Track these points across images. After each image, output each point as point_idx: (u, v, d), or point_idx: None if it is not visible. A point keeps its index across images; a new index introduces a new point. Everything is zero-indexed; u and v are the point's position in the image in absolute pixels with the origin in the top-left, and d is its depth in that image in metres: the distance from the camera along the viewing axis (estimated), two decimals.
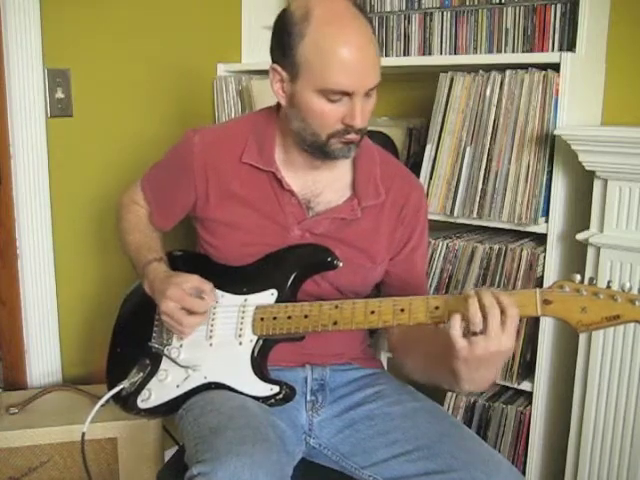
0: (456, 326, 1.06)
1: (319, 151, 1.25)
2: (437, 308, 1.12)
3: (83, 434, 1.41)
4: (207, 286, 1.26)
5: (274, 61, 1.23)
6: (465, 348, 1.05)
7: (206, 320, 1.27)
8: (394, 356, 1.41)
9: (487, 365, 1.08)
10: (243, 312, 1.27)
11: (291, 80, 1.21)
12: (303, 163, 1.31)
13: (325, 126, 1.20)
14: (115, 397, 1.35)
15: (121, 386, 1.33)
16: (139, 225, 1.44)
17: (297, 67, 1.18)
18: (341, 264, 1.26)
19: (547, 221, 1.64)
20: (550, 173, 1.61)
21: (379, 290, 1.43)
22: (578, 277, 1.07)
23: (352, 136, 1.21)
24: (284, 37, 1.19)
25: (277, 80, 1.24)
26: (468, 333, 1.06)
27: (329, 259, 1.26)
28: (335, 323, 1.19)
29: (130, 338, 1.41)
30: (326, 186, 1.33)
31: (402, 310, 1.15)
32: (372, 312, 1.17)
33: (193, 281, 1.25)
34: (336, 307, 1.20)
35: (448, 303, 1.12)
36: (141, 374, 1.33)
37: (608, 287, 1.05)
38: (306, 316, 1.21)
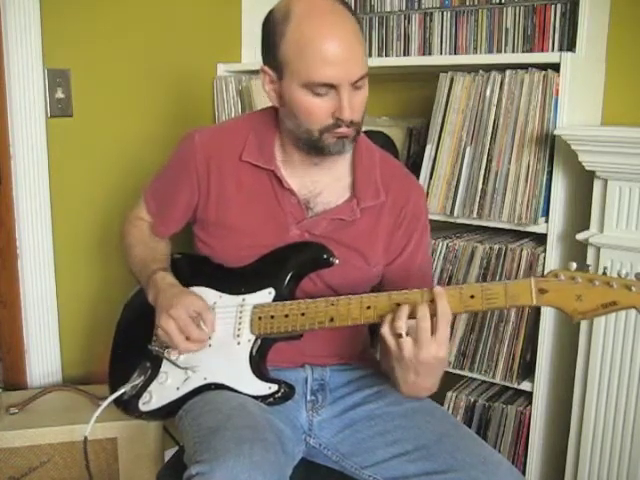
0: (385, 324, 1.11)
1: (314, 148, 1.25)
2: (432, 301, 1.12)
3: (85, 438, 1.40)
4: (208, 316, 1.25)
5: (264, 62, 1.25)
6: (394, 346, 1.09)
7: (202, 348, 1.26)
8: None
9: (420, 372, 1.12)
10: (241, 312, 1.27)
11: (279, 79, 1.22)
12: (301, 162, 1.31)
13: (315, 122, 1.20)
14: (116, 401, 1.35)
15: (122, 390, 1.33)
16: (142, 238, 1.44)
17: (281, 65, 1.20)
18: (337, 261, 1.25)
19: (547, 221, 1.64)
20: (550, 173, 1.61)
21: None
22: (574, 265, 1.06)
23: (344, 129, 1.20)
24: (269, 38, 1.21)
25: (268, 81, 1.25)
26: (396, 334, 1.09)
27: (325, 256, 1.26)
28: (332, 320, 1.19)
29: (131, 342, 1.41)
30: (326, 187, 1.33)
31: (398, 305, 1.15)
32: (368, 307, 1.17)
33: (198, 306, 1.24)
34: (332, 304, 1.20)
35: None
36: (142, 377, 1.33)
37: (604, 274, 1.04)
38: (303, 314, 1.21)
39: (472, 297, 1.10)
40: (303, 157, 1.29)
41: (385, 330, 1.11)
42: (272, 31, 1.20)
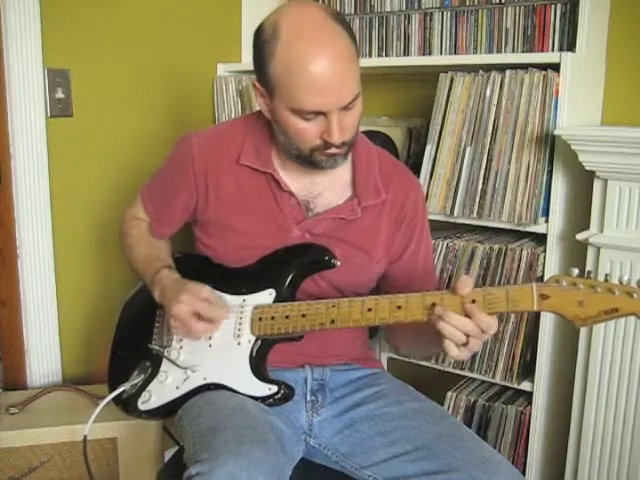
0: (450, 350, 1.11)
1: (306, 162, 1.25)
2: (434, 305, 1.12)
3: (85, 437, 1.40)
4: (217, 298, 1.25)
5: (256, 77, 1.23)
6: (459, 354, 1.11)
7: (217, 328, 1.26)
8: (386, 337, 1.45)
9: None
10: (242, 312, 1.27)
11: (269, 97, 1.21)
12: (297, 168, 1.30)
13: (304, 142, 1.20)
14: (116, 399, 1.35)
15: (122, 388, 1.33)
16: (143, 238, 1.44)
17: (271, 86, 1.18)
18: (339, 263, 1.25)
19: (547, 221, 1.63)
20: (550, 173, 1.61)
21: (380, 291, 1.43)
22: (576, 271, 1.06)
23: (333, 150, 1.20)
24: (259, 54, 1.19)
25: (258, 95, 1.24)
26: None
27: (327, 258, 1.26)
28: (332, 321, 1.19)
29: (131, 341, 1.41)
30: (325, 187, 1.33)
31: (399, 307, 1.15)
32: (369, 310, 1.17)
33: (206, 291, 1.24)
34: (333, 306, 1.20)
35: (444, 300, 1.12)
36: (142, 376, 1.33)
37: (606, 280, 1.04)
38: (304, 315, 1.21)
39: (474, 302, 1.10)
40: (298, 166, 1.29)
41: (452, 352, 1.11)
42: (261, 48, 1.17)
